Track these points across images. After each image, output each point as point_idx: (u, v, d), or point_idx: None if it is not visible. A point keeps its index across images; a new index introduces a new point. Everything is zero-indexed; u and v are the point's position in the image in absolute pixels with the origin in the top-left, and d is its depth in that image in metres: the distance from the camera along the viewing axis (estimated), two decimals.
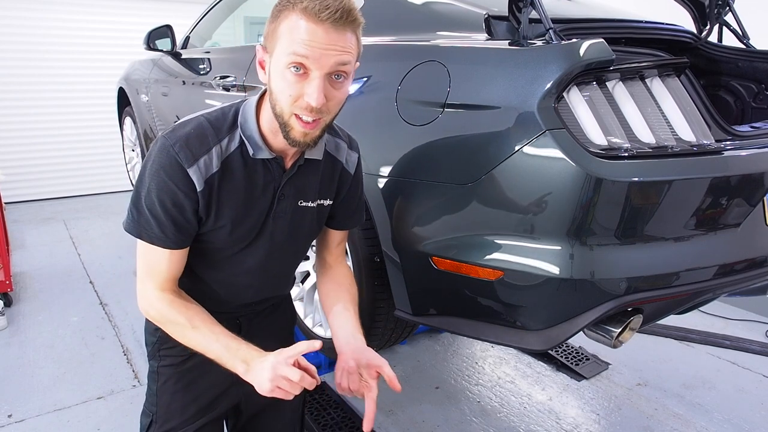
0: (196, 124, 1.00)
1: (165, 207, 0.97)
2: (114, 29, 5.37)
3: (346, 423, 2.03)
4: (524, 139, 1.20)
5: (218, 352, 1.00)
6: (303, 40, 0.86)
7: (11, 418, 2.06)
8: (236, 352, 0.99)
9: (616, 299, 1.23)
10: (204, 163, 0.97)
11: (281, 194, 1.07)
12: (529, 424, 2.11)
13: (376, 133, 1.52)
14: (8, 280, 2.93)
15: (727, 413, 2.23)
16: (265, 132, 1.01)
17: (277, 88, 0.92)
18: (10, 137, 5.11)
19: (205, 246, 1.08)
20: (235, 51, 2.70)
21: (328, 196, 1.17)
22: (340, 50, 0.88)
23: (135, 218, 1.01)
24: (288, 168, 1.06)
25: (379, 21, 1.77)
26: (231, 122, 1.02)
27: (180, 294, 1.07)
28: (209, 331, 1.02)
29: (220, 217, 1.03)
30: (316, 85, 0.88)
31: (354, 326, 1.16)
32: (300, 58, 0.87)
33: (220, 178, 1.00)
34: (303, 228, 1.16)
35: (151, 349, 1.22)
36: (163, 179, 0.96)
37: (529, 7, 1.28)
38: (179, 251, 1.04)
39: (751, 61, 1.95)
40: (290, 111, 0.91)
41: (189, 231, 1.03)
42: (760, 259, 1.41)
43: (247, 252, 1.11)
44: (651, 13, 1.91)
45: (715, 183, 1.25)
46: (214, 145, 0.99)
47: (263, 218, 1.08)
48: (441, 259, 1.41)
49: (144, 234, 1.01)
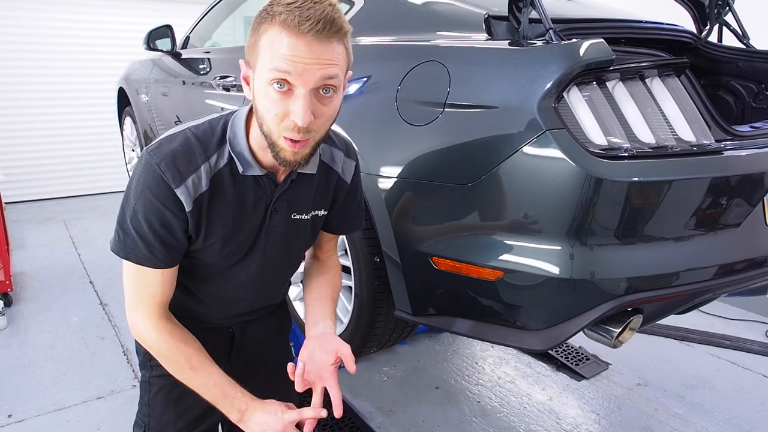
0: (183, 139, 0.94)
1: (153, 227, 0.93)
2: (114, 29, 5.37)
3: (346, 423, 2.03)
4: (524, 139, 1.20)
5: (214, 397, 1.00)
6: (283, 55, 0.80)
7: (11, 418, 2.06)
8: (232, 401, 1.00)
9: (616, 299, 1.23)
10: (192, 182, 0.92)
11: (273, 209, 1.03)
12: (529, 424, 2.11)
13: (376, 133, 1.52)
14: (8, 280, 2.93)
15: (727, 413, 2.23)
16: (255, 148, 0.96)
17: (263, 106, 0.86)
18: (10, 137, 5.11)
19: (196, 262, 1.05)
20: (235, 51, 2.70)
21: (322, 207, 1.12)
22: (326, 63, 0.81)
23: (121, 239, 0.96)
24: (280, 182, 1.02)
25: (379, 21, 1.77)
26: (219, 137, 0.97)
27: (174, 325, 1.03)
28: (207, 374, 1.01)
29: (211, 235, 0.99)
30: (302, 104, 0.82)
31: (325, 313, 1.14)
32: (282, 74, 0.80)
33: (210, 196, 0.95)
34: (296, 241, 1.12)
35: (142, 358, 1.19)
36: (149, 199, 0.92)
37: (529, 7, 1.28)
38: (169, 270, 1.00)
39: (751, 61, 1.95)
40: (278, 132, 0.86)
41: (178, 249, 0.99)
42: (760, 259, 1.41)
43: (239, 267, 1.08)
44: (651, 13, 1.91)
45: (715, 183, 1.25)
46: (203, 163, 0.94)
47: (255, 233, 1.04)
48: (441, 259, 1.41)
49: (131, 255, 0.96)
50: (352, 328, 1.78)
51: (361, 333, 1.76)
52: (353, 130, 1.40)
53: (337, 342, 1.06)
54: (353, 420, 2.05)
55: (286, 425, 0.99)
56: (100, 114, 5.36)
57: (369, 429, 2.01)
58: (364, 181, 1.28)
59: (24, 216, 4.84)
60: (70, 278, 3.41)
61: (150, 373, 1.18)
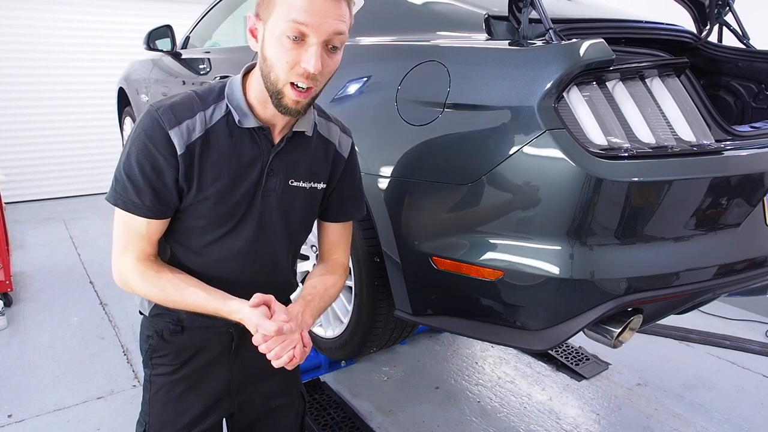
0: (185, 94, 1.02)
1: (144, 171, 0.96)
2: (114, 29, 5.37)
3: (346, 423, 2.03)
4: (524, 139, 1.20)
5: (214, 309, 1.02)
6: (302, 7, 0.87)
7: (11, 418, 2.06)
8: (229, 310, 1.01)
9: (616, 299, 1.23)
10: (186, 127, 0.97)
11: (270, 170, 1.05)
12: (529, 424, 2.11)
13: (376, 133, 1.52)
14: (8, 280, 2.93)
15: (727, 413, 2.23)
16: (253, 102, 1.01)
17: (273, 55, 0.92)
18: (10, 137, 5.12)
19: (190, 225, 1.05)
20: (235, 51, 2.70)
21: (321, 179, 1.14)
22: (338, 18, 0.90)
23: (113, 186, 0.99)
24: (276, 142, 1.05)
25: (379, 21, 1.77)
26: (217, 94, 1.03)
27: (158, 264, 1.05)
28: (192, 291, 1.02)
29: (203, 188, 1.01)
30: (314, 52, 0.89)
31: (302, 294, 1.12)
32: (299, 25, 0.88)
33: (203, 144, 0.99)
34: (295, 210, 1.12)
35: (144, 356, 1.20)
36: (143, 142, 0.96)
37: (529, 7, 1.28)
38: (156, 222, 1.01)
39: (751, 61, 1.95)
40: (286, 79, 0.92)
41: (168, 200, 1.00)
42: (760, 259, 1.41)
43: (236, 233, 1.08)
44: (651, 13, 1.91)
45: (715, 183, 1.25)
46: (198, 111, 0.99)
47: (251, 195, 1.05)
48: (441, 259, 1.41)
49: (120, 201, 0.99)
50: (352, 328, 1.78)
51: (361, 333, 1.76)
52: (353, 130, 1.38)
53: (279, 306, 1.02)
54: (353, 420, 2.05)
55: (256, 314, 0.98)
56: (100, 114, 5.36)
57: (369, 429, 2.02)
58: (364, 181, 1.28)
59: (24, 216, 4.84)
60: (70, 278, 3.41)
61: (151, 372, 1.18)
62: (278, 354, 0.99)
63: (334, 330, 1.90)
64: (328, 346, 1.94)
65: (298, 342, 1.01)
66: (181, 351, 1.16)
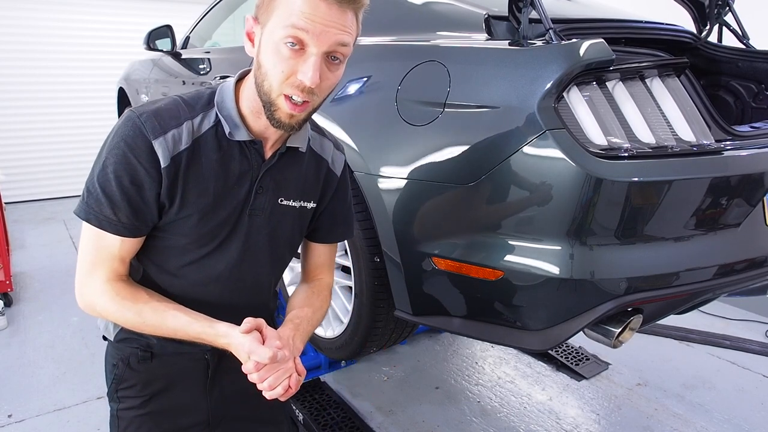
0: (169, 100, 0.92)
1: (121, 184, 0.86)
2: (114, 29, 5.38)
3: (346, 423, 2.03)
4: (524, 139, 1.20)
5: (196, 335, 0.92)
6: (303, 12, 0.79)
7: (11, 418, 2.06)
8: (216, 335, 0.91)
9: (616, 299, 1.23)
10: (172, 137, 0.87)
11: (259, 187, 0.97)
12: (529, 424, 2.11)
13: (376, 133, 1.52)
14: (8, 280, 2.93)
15: (727, 413, 2.23)
16: (245, 112, 0.92)
17: (269, 62, 0.84)
18: (10, 137, 5.12)
19: (168, 244, 0.95)
20: (235, 51, 2.70)
21: (311, 198, 1.06)
22: (341, 29, 0.82)
23: (85, 198, 0.89)
24: (268, 157, 0.97)
25: (379, 21, 1.77)
26: (206, 101, 0.93)
27: (130, 285, 0.94)
28: (172, 315, 0.92)
29: (187, 205, 0.91)
30: (313, 63, 0.81)
31: (289, 317, 1.04)
32: (299, 32, 0.80)
33: (189, 157, 0.89)
34: (283, 231, 1.04)
35: (109, 388, 1.09)
36: (123, 151, 0.86)
37: (529, 7, 1.28)
38: (131, 241, 0.91)
39: (751, 61, 1.95)
40: (280, 90, 0.84)
41: (146, 217, 0.90)
42: (760, 259, 1.41)
43: (218, 255, 0.98)
44: (651, 13, 1.91)
45: (715, 183, 1.25)
46: (185, 120, 0.89)
47: (238, 213, 0.97)
48: (441, 259, 1.41)
49: (92, 216, 0.88)
50: (352, 328, 1.78)
51: (361, 333, 1.76)
52: (353, 130, 1.39)
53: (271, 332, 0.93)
54: (353, 420, 2.05)
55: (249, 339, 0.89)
56: (100, 114, 5.37)
57: (369, 429, 2.02)
58: (365, 181, 1.28)
59: (24, 216, 4.84)
60: (70, 278, 3.36)
61: (117, 406, 1.07)
62: (272, 384, 0.89)
63: (334, 330, 1.90)
64: (328, 346, 1.94)
65: (293, 371, 0.92)
66: (151, 381, 1.06)
